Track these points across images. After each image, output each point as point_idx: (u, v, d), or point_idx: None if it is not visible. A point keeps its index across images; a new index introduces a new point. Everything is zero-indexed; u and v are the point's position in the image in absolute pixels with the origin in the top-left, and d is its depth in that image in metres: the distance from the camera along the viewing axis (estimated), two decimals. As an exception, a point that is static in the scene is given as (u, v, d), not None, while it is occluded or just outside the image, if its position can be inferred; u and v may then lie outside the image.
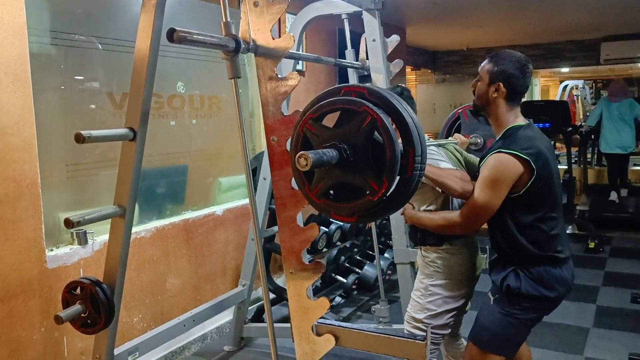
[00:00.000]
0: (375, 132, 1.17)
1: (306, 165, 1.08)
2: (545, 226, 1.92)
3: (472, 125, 2.44)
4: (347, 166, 1.15)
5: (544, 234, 1.92)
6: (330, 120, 1.27)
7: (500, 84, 1.94)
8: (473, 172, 2.12)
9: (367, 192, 1.16)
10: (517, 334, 2.00)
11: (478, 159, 2.19)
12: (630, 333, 3.52)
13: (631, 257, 5.21)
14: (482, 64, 2.01)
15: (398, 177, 1.16)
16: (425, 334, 1.84)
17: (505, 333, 1.97)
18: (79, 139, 1.67)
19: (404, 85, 2.30)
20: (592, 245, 5.44)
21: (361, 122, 1.14)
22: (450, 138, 2.36)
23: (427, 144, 1.98)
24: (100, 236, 2.76)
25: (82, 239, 2.70)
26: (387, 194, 1.15)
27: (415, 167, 1.15)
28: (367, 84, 1.22)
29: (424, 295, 2.17)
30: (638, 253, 5.24)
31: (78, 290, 1.92)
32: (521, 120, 1.98)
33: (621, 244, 5.75)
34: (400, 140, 1.19)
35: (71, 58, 2.82)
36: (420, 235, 2.17)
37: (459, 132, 2.52)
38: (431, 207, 2.13)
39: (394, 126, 1.16)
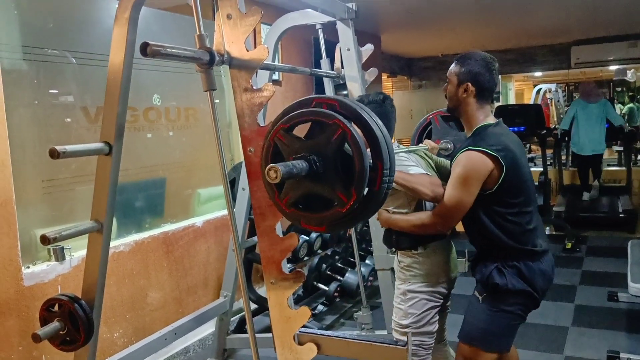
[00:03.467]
0: (346, 144, 1.19)
1: (276, 177, 1.09)
2: (520, 220, 1.96)
3: (443, 130, 2.48)
4: (316, 177, 1.17)
5: (520, 227, 1.96)
6: (301, 130, 1.28)
7: (469, 83, 1.99)
8: (445, 174, 2.16)
9: (336, 203, 1.18)
10: (509, 329, 2.04)
11: (449, 162, 2.22)
12: (608, 330, 3.58)
13: (606, 255, 5.32)
14: (450, 68, 2.07)
15: (367, 189, 1.17)
16: (406, 339, 1.85)
17: (497, 329, 2.01)
18: (54, 154, 1.65)
19: (385, 93, 2.33)
20: (569, 245, 5.53)
21: (331, 135, 1.16)
22: (420, 144, 2.39)
23: (397, 150, 2.01)
24: (78, 252, 2.73)
25: (60, 255, 2.66)
26: (356, 206, 1.17)
27: (384, 180, 1.17)
28: (339, 96, 1.23)
29: (404, 300, 2.19)
30: (613, 251, 5.35)
31: (56, 308, 1.89)
32: (491, 119, 2.04)
33: (597, 242, 5.86)
34: (369, 151, 1.20)
35: (44, 73, 2.79)
36: (395, 238, 2.20)
37: (430, 137, 2.55)
38: (404, 211, 2.16)
39: (363, 139, 1.18)
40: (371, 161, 1.17)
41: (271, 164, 1.10)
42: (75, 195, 2.94)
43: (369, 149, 1.21)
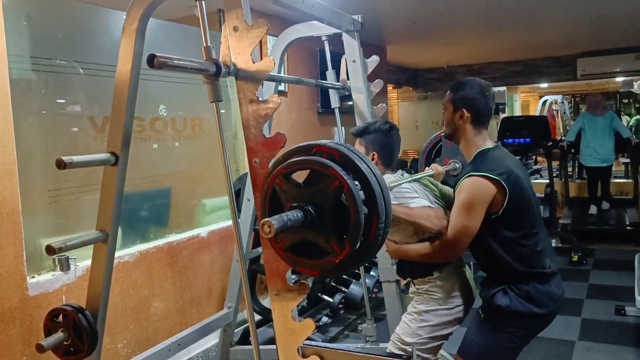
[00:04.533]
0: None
1: (270, 232, 1.10)
2: (528, 242, 1.95)
3: (453, 149, 2.46)
4: (311, 227, 1.18)
5: (528, 250, 1.95)
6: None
7: (464, 109, 2.01)
8: (450, 203, 2.14)
9: (329, 252, 1.19)
10: (508, 351, 2.01)
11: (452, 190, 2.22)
12: (614, 345, 3.54)
13: (614, 268, 5.27)
14: (445, 96, 2.09)
15: (361, 240, 1.19)
16: (410, 353, 1.83)
17: (496, 349, 1.98)
18: (60, 164, 1.66)
19: (392, 122, 2.33)
20: (575, 258, 5.50)
21: (329, 186, 1.17)
22: (427, 168, 2.36)
23: (401, 180, 2.00)
24: (82, 261, 2.73)
25: (65, 265, 2.66)
26: (349, 257, 1.18)
27: (378, 233, 1.18)
28: (340, 145, 1.23)
29: (416, 320, 2.14)
30: (621, 264, 5.30)
31: (60, 318, 1.89)
32: (489, 143, 2.04)
33: (604, 256, 5.81)
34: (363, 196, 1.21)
35: (52, 83, 2.82)
36: (408, 268, 2.17)
37: (440, 155, 2.53)
38: (412, 240, 2.12)
39: (361, 191, 1.19)
40: (367, 211, 1.17)
41: (265, 219, 1.11)
42: (82, 205, 2.95)
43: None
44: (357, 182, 1.18)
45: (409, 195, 2.05)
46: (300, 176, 1.32)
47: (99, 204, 1.90)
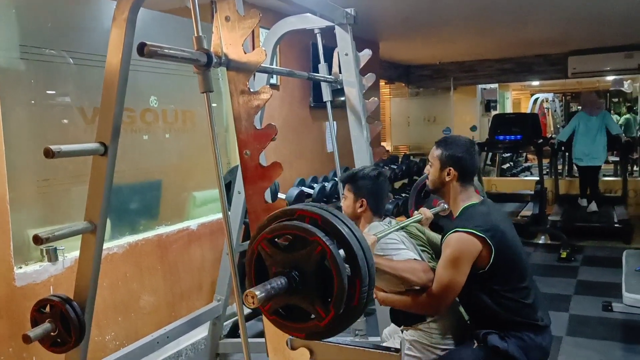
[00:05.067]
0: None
1: (253, 303, 1.12)
2: (517, 296, 1.98)
3: None
4: (296, 292, 1.20)
5: (518, 303, 1.98)
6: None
7: (451, 168, 2.04)
8: (437, 251, 2.15)
9: (314, 316, 1.22)
10: None
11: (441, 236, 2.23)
12: (602, 341, 3.58)
13: (602, 265, 5.32)
14: (431, 151, 2.12)
15: (345, 303, 1.20)
16: (399, 346, 1.83)
17: None
18: (48, 153, 1.64)
19: (382, 168, 2.31)
20: (564, 254, 5.54)
21: (312, 251, 1.18)
22: (415, 213, 2.35)
23: (389, 230, 1.99)
24: (71, 253, 2.71)
25: (52, 256, 2.64)
26: (334, 321, 1.20)
27: (362, 297, 1.20)
28: (323, 210, 1.24)
29: (403, 346, 2.11)
30: (609, 261, 5.34)
31: (47, 309, 1.87)
32: (475, 199, 2.08)
33: (593, 252, 5.86)
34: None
35: (41, 73, 2.78)
36: (402, 316, 2.16)
37: (428, 197, 2.53)
38: (399, 289, 2.09)
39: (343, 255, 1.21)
40: (349, 273, 1.19)
41: (248, 290, 1.12)
42: (71, 195, 2.93)
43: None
44: (340, 249, 1.20)
45: (395, 247, 2.04)
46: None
47: (87, 194, 1.88)
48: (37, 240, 1.70)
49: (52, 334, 1.86)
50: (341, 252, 1.19)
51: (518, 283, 1.99)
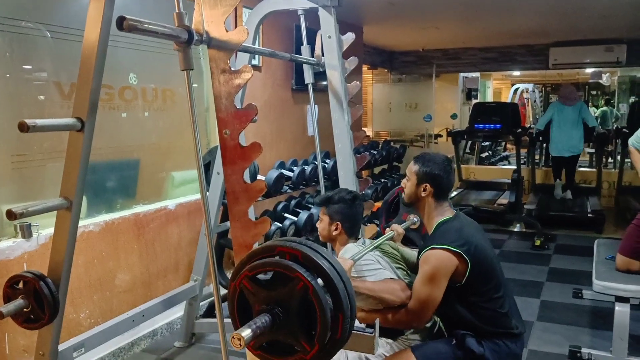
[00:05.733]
0: None
1: (240, 345, 1.14)
2: (493, 306, 2.04)
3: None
4: (280, 328, 1.22)
5: (494, 313, 2.04)
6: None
7: (427, 184, 2.10)
8: (411, 266, 2.20)
9: (299, 349, 1.24)
10: None
11: (414, 253, 2.26)
12: (571, 326, 3.67)
13: (574, 253, 5.43)
14: (409, 166, 2.17)
15: (329, 336, 1.23)
16: (373, 328, 1.86)
17: None
18: (23, 127, 1.62)
19: (355, 192, 2.32)
20: (538, 242, 5.64)
21: (294, 287, 1.20)
22: (387, 230, 2.37)
23: (363, 251, 2.01)
24: (45, 229, 2.68)
25: (26, 232, 2.61)
26: (319, 354, 1.23)
27: (345, 329, 1.23)
28: (302, 246, 1.26)
29: (384, 347, 2.15)
30: (581, 250, 5.47)
31: (20, 285, 1.86)
32: (448, 213, 2.13)
33: (565, 241, 5.98)
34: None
35: (17, 46, 2.72)
36: (382, 330, 2.17)
37: (398, 210, 2.55)
38: (378, 307, 2.11)
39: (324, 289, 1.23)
40: (332, 306, 1.21)
41: (235, 332, 1.14)
42: (47, 172, 2.88)
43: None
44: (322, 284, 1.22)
45: (372, 267, 2.07)
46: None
47: (63, 170, 1.86)
48: (11, 215, 1.68)
49: (25, 310, 1.85)
50: (321, 284, 1.21)
51: (494, 293, 2.05)
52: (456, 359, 2.02)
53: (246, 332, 1.15)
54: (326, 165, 4.39)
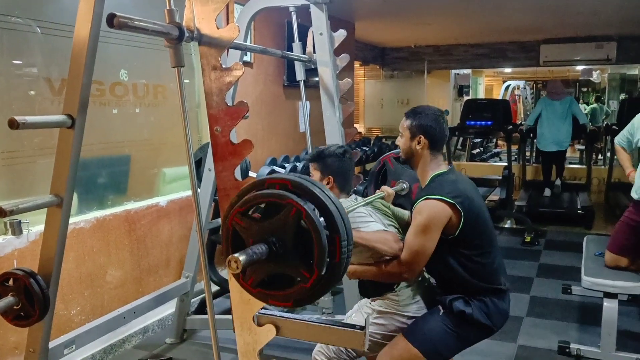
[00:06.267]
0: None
1: (237, 268, 1.11)
2: (485, 260, 2.04)
3: (398, 172, 2.51)
4: (277, 258, 1.20)
5: (485, 267, 2.04)
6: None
7: (421, 136, 2.08)
8: (402, 224, 2.19)
9: (299, 279, 1.22)
10: (452, 350, 2.09)
11: (405, 211, 2.27)
12: (560, 322, 3.70)
13: (564, 249, 5.47)
14: (401, 122, 2.15)
15: (328, 261, 1.21)
16: (364, 324, 1.87)
17: (441, 344, 2.04)
18: (13, 124, 1.61)
19: (346, 147, 2.32)
20: (528, 238, 5.68)
21: (287, 215, 1.19)
22: (377, 191, 2.38)
23: (355, 205, 2.01)
24: (36, 226, 2.67)
25: (17, 229, 2.60)
26: (319, 280, 1.21)
27: (343, 252, 1.21)
28: (291, 175, 1.25)
29: (371, 316, 2.14)
30: (570, 246, 5.51)
31: (11, 282, 1.85)
32: (444, 167, 2.12)
33: (555, 237, 6.03)
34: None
35: (6, 41, 2.70)
36: (371, 288, 2.18)
37: (386, 179, 2.56)
38: (368, 262, 2.12)
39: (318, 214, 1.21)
40: (328, 232, 1.19)
41: (231, 255, 1.11)
42: (37, 169, 2.87)
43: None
44: (314, 207, 1.20)
45: (364, 220, 2.07)
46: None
47: (53, 167, 1.85)
48: (1, 212, 1.67)
49: (15, 307, 1.84)
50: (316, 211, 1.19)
51: (485, 247, 2.05)
52: (448, 329, 2.02)
53: (243, 257, 1.13)
54: (318, 161, 4.38)
